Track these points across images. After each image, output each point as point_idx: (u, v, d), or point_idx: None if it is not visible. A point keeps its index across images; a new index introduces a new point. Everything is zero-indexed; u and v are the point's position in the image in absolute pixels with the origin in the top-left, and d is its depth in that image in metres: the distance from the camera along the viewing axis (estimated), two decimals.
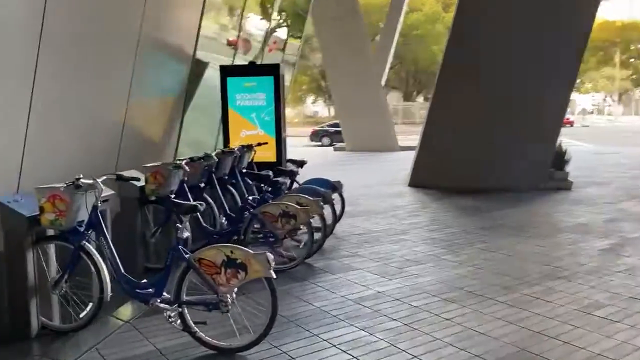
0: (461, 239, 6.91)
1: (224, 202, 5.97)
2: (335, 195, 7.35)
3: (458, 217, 8.32)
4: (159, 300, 3.73)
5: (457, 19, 11.25)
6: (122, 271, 3.93)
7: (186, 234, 3.71)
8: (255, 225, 5.52)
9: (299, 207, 5.45)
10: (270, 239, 5.45)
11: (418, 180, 11.58)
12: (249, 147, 7.42)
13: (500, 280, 5.23)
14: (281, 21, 15.04)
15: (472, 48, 10.85)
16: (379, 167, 16.13)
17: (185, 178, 5.36)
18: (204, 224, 5.51)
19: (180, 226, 3.70)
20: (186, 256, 3.65)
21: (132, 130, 6.56)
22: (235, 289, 3.64)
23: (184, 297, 3.71)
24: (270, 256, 3.55)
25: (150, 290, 3.76)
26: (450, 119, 11.14)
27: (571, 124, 41.43)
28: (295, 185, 7.51)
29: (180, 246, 3.68)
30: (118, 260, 3.95)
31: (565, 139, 11.96)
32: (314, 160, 18.51)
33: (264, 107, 8.59)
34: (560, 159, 11.13)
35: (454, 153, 11.09)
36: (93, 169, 5.70)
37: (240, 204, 6.54)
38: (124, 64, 6.16)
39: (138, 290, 3.81)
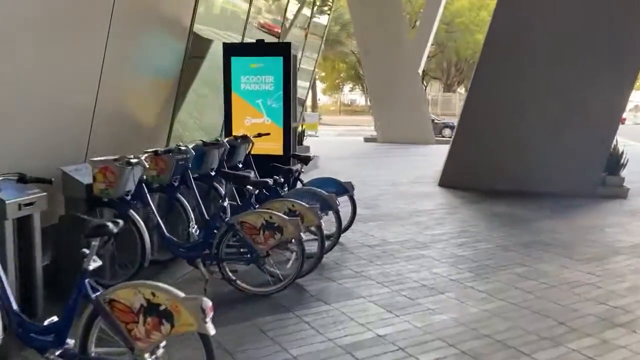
0: (493, 259, 5.70)
1: (201, 205, 4.91)
2: (344, 199, 6.23)
3: (492, 229, 7.07)
4: (57, 353, 2.69)
5: (499, 5, 9.88)
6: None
7: (95, 264, 2.66)
8: (233, 238, 4.46)
9: (286, 217, 4.36)
10: (250, 256, 4.38)
11: (449, 180, 10.32)
12: (245, 138, 6.34)
13: (540, 324, 4.03)
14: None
15: (514, 37, 9.50)
16: (409, 162, 14.86)
17: (144, 177, 4.32)
18: (168, 234, 4.46)
19: (86, 252, 2.65)
20: (93, 296, 2.61)
21: (107, 114, 5.57)
22: (161, 345, 2.59)
23: (93, 350, 2.67)
24: (208, 303, 2.47)
25: (49, 338, 2.73)
26: (488, 113, 9.84)
27: (623, 121, 38.93)
28: (299, 185, 6.38)
29: (86, 280, 2.64)
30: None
31: (620, 139, 10.45)
32: (340, 152, 17.41)
33: (271, 92, 7.50)
34: (615, 163, 9.69)
35: (491, 151, 9.80)
36: (56, 158, 4.78)
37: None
38: (94, 33, 5.16)
39: (34, 336, 2.77)
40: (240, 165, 6.46)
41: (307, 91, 13.21)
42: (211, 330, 2.48)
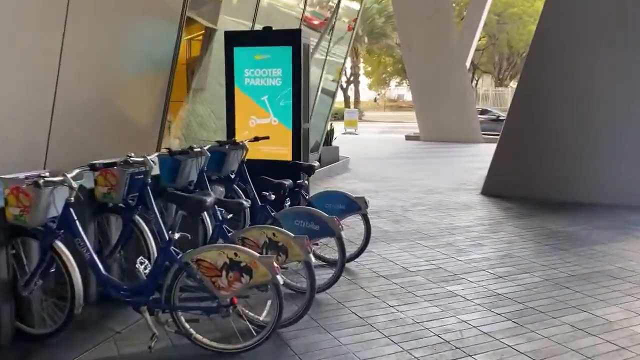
0: (542, 299, 4.44)
1: (163, 230, 3.86)
2: (355, 217, 5.12)
3: (542, 253, 5.78)
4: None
5: None
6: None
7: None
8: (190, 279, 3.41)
9: (258, 254, 3.28)
10: (211, 304, 3.31)
11: (494, 187, 9.00)
12: (235, 144, 5.30)
13: None
14: None
15: (569, 26, 8.09)
16: (451, 164, 13.51)
17: (72, 199, 3.31)
18: (104, 272, 3.44)
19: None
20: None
21: (71, 115, 4.65)
22: None
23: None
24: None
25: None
26: (540, 111, 8.48)
27: None
28: (302, 201, 5.28)
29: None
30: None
31: None
32: (376, 151, 16.15)
33: (279, 87, 6.43)
34: None
35: (543, 155, 8.44)
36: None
37: (210, 231, 4.48)
38: (49, 16, 4.23)
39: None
40: (233, 176, 5.42)
41: (336, 86, 12.04)
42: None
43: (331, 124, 12.49)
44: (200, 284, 3.27)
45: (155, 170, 4.12)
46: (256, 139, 5.64)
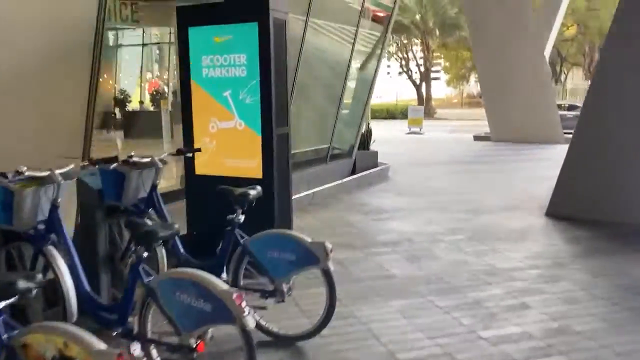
0: None
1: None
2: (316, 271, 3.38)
3: (621, 326, 3.72)
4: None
5: None
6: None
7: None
8: None
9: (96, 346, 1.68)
10: None
11: (561, 207, 6.84)
12: (133, 166, 3.64)
13: None
14: None
15: None
16: (517, 171, 11.22)
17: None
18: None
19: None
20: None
21: None
22: None
23: None
24: None
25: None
26: (620, 113, 6.26)
27: None
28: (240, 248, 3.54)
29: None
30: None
31: None
32: (433, 155, 13.85)
33: (244, 79, 4.75)
34: None
35: (624, 168, 6.23)
36: None
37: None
38: None
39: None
40: (143, 206, 3.79)
41: (372, 77, 10.17)
42: None
43: (368, 124, 10.62)
44: None
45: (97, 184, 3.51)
46: (180, 152, 3.96)
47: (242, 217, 3.47)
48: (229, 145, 4.91)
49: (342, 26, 8.87)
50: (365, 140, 10.30)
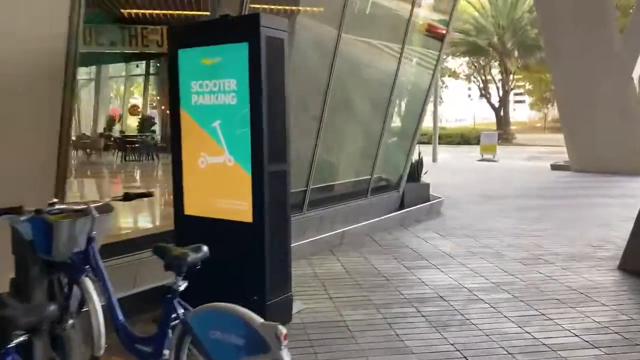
0: None
1: None
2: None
3: None
4: None
5: None
6: None
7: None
8: None
9: None
10: None
11: (637, 260, 5.62)
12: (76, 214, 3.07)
13: None
14: None
15: None
16: (597, 207, 9.81)
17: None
18: None
19: None
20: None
21: None
22: None
23: None
24: None
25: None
26: None
27: None
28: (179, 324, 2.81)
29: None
30: None
31: None
32: (500, 186, 12.51)
33: (234, 107, 4.08)
34: None
35: None
36: None
37: None
38: None
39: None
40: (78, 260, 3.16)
41: (424, 100, 9.24)
42: None
43: (419, 152, 9.67)
44: None
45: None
46: (128, 196, 3.30)
47: (182, 284, 2.74)
48: (219, 184, 4.25)
49: (385, 43, 8.09)
50: (416, 170, 9.36)
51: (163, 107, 21.15)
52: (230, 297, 4.15)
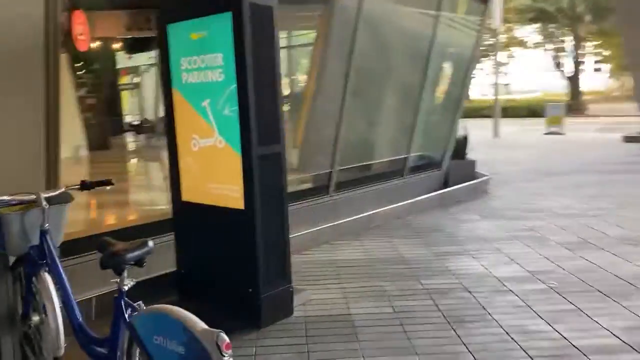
0: None
1: None
2: None
3: None
4: None
5: None
6: None
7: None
8: None
9: None
10: None
11: None
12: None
13: None
14: None
15: None
16: None
17: None
18: None
19: None
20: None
21: None
22: None
23: None
24: None
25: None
26: None
27: None
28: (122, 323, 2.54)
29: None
30: None
31: None
32: (562, 161, 11.53)
33: (221, 85, 3.75)
34: None
35: None
36: None
37: None
38: None
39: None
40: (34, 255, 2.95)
41: (467, 70, 8.54)
42: None
43: (465, 128, 9.01)
44: None
45: None
46: (85, 185, 3.03)
47: (128, 283, 2.47)
48: (211, 168, 3.96)
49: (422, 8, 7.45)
50: (461, 147, 8.73)
51: None
52: (226, 289, 3.93)
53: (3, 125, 3.64)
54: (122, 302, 2.49)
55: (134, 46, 11.86)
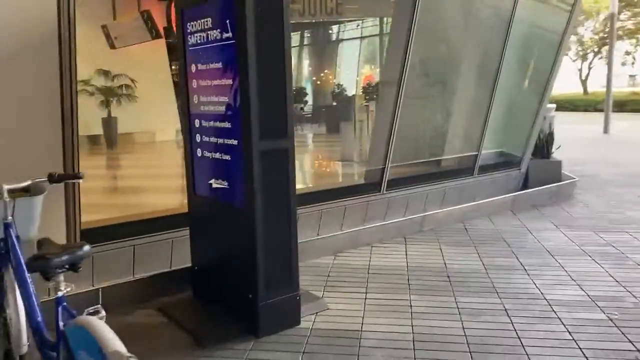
0: None
1: None
2: None
3: None
4: None
5: None
6: None
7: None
8: None
9: None
10: None
11: None
12: None
13: None
14: None
15: None
16: None
17: None
18: None
19: None
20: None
21: None
22: None
23: None
24: None
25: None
26: None
27: None
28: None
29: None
30: None
31: None
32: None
33: (224, 73, 3.47)
34: None
35: None
36: None
37: None
38: None
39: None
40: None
41: (554, 60, 7.58)
42: None
43: (550, 124, 8.06)
44: None
45: None
46: (52, 177, 2.84)
47: (64, 288, 2.25)
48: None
49: None
50: (548, 141, 7.83)
51: (314, 78, 21.10)
52: (231, 292, 3.67)
53: (20, 111, 3.62)
54: (60, 308, 2.29)
55: None
